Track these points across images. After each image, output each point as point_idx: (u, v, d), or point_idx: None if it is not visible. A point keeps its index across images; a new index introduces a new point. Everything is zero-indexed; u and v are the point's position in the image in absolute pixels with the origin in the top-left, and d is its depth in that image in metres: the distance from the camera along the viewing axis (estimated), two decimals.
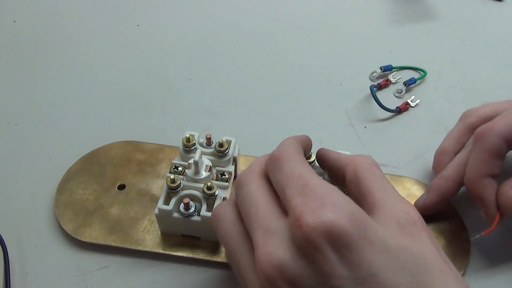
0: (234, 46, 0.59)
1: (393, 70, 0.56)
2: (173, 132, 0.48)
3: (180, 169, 0.38)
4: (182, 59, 0.57)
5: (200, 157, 0.37)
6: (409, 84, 0.53)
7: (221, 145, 0.38)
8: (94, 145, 0.46)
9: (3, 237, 0.38)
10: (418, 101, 0.52)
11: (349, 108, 0.52)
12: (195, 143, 0.39)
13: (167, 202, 0.36)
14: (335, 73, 0.56)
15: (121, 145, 0.45)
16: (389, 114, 0.51)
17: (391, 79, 0.54)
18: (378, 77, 0.55)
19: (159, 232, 0.39)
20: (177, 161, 0.39)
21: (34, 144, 0.47)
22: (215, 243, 0.38)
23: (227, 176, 0.38)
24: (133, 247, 0.38)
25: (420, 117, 0.51)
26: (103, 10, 0.64)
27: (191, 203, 0.36)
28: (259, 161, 0.32)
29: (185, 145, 0.38)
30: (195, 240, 0.38)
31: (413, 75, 0.55)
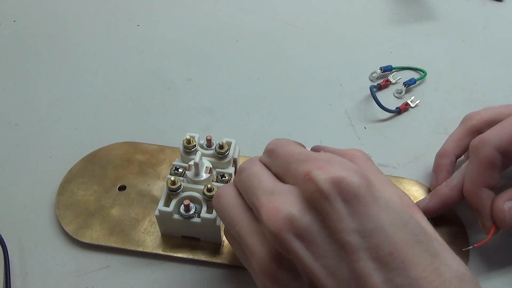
0: (234, 46, 0.59)
1: (393, 70, 0.56)
2: (173, 132, 0.48)
3: (180, 170, 0.38)
4: (182, 59, 0.57)
5: (200, 159, 0.37)
6: (409, 84, 0.53)
7: (221, 147, 0.38)
8: (94, 145, 0.46)
9: (3, 237, 0.38)
10: (418, 102, 0.52)
11: (349, 108, 0.52)
12: (195, 144, 0.39)
13: (167, 203, 0.36)
14: (335, 73, 0.56)
15: (122, 146, 0.45)
16: (389, 114, 0.51)
17: (391, 80, 0.54)
18: (378, 78, 0.55)
19: (160, 233, 0.39)
20: (177, 162, 0.39)
21: (34, 144, 0.47)
22: (215, 245, 0.38)
23: (227, 177, 0.38)
24: (133, 248, 0.38)
25: (420, 118, 0.51)
26: (103, 10, 0.64)
27: (191, 204, 0.36)
28: (256, 157, 0.32)
29: (185, 147, 0.38)
30: (195, 241, 0.38)
31: (413, 75, 0.55)
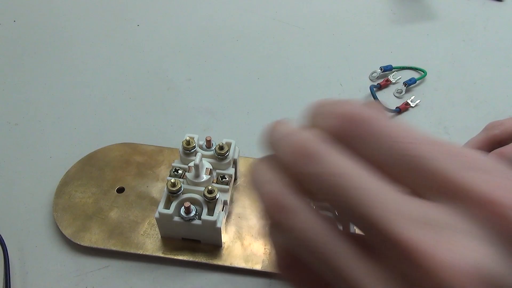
0: (234, 46, 0.59)
1: (393, 70, 0.56)
2: (173, 132, 0.48)
3: (180, 172, 0.38)
4: (182, 59, 0.57)
5: (200, 160, 0.37)
6: (409, 84, 0.53)
7: (221, 148, 0.38)
8: (94, 145, 0.46)
9: (3, 237, 0.38)
10: (418, 101, 0.52)
11: None
12: (195, 145, 0.39)
13: (167, 206, 0.36)
14: (335, 73, 0.56)
15: (120, 147, 0.45)
16: (389, 114, 0.51)
17: (391, 79, 0.54)
18: (378, 77, 0.55)
19: (160, 235, 0.39)
20: (177, 164, 0.39)
21: (34, 144, 0.47)
22: (216, 247, 0.38)
23: (227, 178, 0.38)
24: (133, 251, 0.38)
25: (420, 117, 0.51)
26: (103, 10, 0.64)
27: (192, 207, 0.35)
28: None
29: (185, 148, 0.38)
30: (195, 243, 0.38)
31: (413, 75, 0.55)
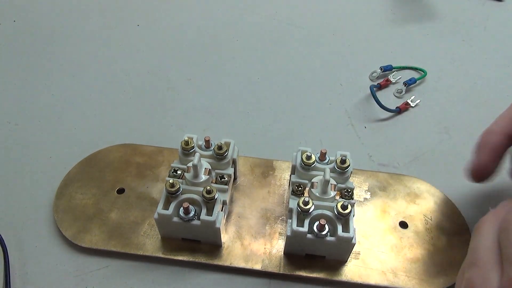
0: (234, 46, 0.59)
1: (393, 70, 0.56)
2: (173, 132, 0.48)
3: (179, 172, 0.38)
4: (182, 59, 0.57)
5: (199, 161, 0.37)
6: (409, 84, 0.53)
7: (220, 148, 0.38)
8: (94, 144, 0.46)
9: (3, 237, 0.38)
10: (418, 101, 0.52)
11: (349, 108, 0.52)
12: (193, 146, 0.39)
13: (166, 206, 0.36)
14: (335, 73, 0.56)
15: (120, 148, 0.45)
16: (389, 114, 0.51)
17: (391, 79, 0.54)
18: (378, 77, 0.55)
19: (159, 236, 0.38)
20: (176, 164, 0.39)
21: (34, 144, 0.47)
22: (215, 247, 0.38)
23: (226, 178, 0.38)
24: (133, 251, 0.38)
25: (420, 117, 0.51)
26: (103, 10, 0.64)
27: (191, 207, 0.35)
28: None
29: (183, 148, 0.38)
30: (195, 243, 0.38)
31: (413, 75, 0.55)
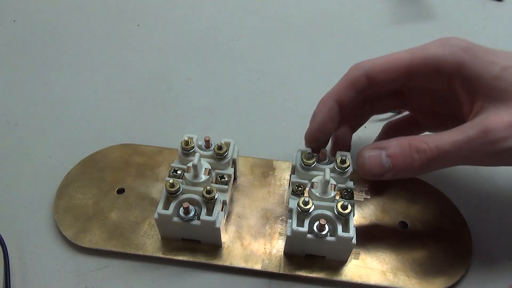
0: (234, 46, 0.59)
1: None
2: (173, 132, 0.48)
3: (179, 172, 0.38)
4: (182, 59, 0.57)
5: (199, 161, 0.37)
6: None
7: (220, 148, 0.38)
8: (94, 144, 0.46)
9: (3, 237, 0.38)
10: None
11: None
12: (193, 146, 0.39)
13: (166, 206, 0.36)
14: (335, 73, 0.55)
15: (120, 148, 0.45)
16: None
17: None
18: None
19: (159, 236, 0.38)
20: (176, 164, 0.39)
21: (34, 144, 0.47)
22: (215, 247, 0.38)
23: (226, 178, 0.38)
24: (133, 251, 0.38)
25: None
26: (103, 10, 0.64)
27: (191, 207, 0.35)
28: None
29: (183, 148, 0.38)
30: (195, 243, 0.38)
31: None
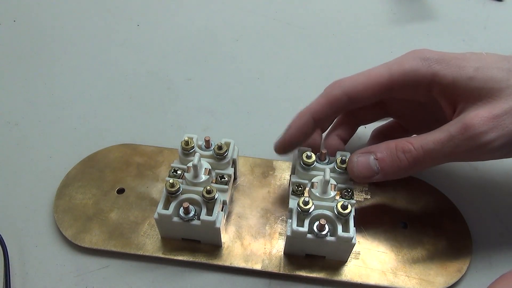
0: (234, 46, 0.59)
1: None
2: (173, 132, 0.48)
3: (179, 172, 0.38)
4: (182, 59, 0.57)
5: (199, 161, 0.37)
6: None
7: (220, 148, 0.38)
8: (94, 144, 0.46)
9: (3, 237, 0.38)
10: None
11: None
12: (193, 146, 0.39)
13: (166, 206, 0.36)
14: (335, 73, 0.55)
15: (120, 148, 0.45)
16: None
17: None
18: None
19: (159, 236, 0.38)
20: (176, 164, 0.39)
21: (34, 144, 0.47)
22: (215, 247, 0.38)
23: (226, 178, 0.38)
24: (133, 251, 0.38)
25: None
26: (103, 10, 0.64)
27: (191, 207, 0.35)
28: None
29: (183, 148, 0.38)
30: (195, 243, 0.38)
31: None
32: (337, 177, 0.38)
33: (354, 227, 0.35)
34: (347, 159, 0.38)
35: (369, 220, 0.40)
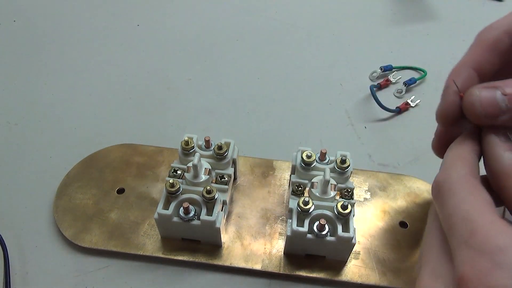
0: (234, 46, 0.59)
1: (393, 70, 0.56)
2: (173, 132, 0.48)
3: (179, 172, 0.38)
4: (182, 59, 0.57)
5: (199, 161, 0.37)
6: (409, 84, 0.53)
7: (220, 148, 0.38)
8: (94, 144, 0.46)
9: (3, 237, 0.38)
10: (418, 101, 0.52)
11: (349, 108, 0.52)
12: (193, 146, 0.39)
13: (166, 206, 0.36)
14: (335, 73, 0.56)
15: (120, 148, 0.45)
16: (389, 114, 0.51)
17: (391, 79, 0.54)
18: (378, 77, 0.55)
19: (159, 236, 0.38)
20: (176, 164, 0.39)
21: (34, 144, 0.47)
22: (215, 247, 0.38)
23: (226, 178, 0.38)
24: (133, 251, 0.38)
25: (420, 117, 0.51)
26: (103, 10, 0.64)
27: (191, 207, 0.35)
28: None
29: (183, 148, 0.38)
30: (195, 243, 0.38)
31: (413, 75, 0.55)
32: (337, 177, 0.38)
33: (354, 227, 0.35)
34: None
35: (369, 220, 0.40)
